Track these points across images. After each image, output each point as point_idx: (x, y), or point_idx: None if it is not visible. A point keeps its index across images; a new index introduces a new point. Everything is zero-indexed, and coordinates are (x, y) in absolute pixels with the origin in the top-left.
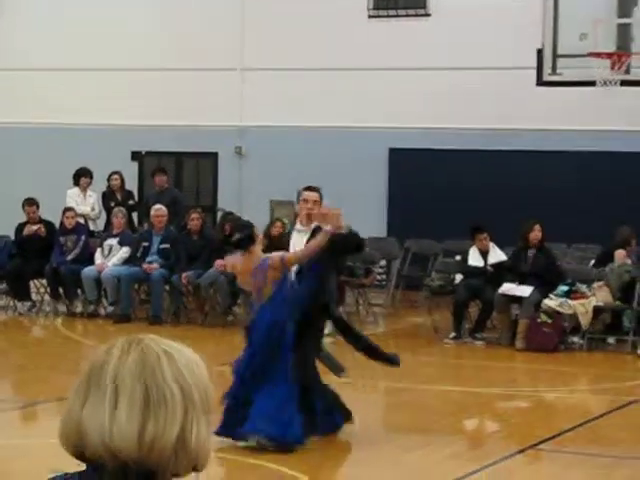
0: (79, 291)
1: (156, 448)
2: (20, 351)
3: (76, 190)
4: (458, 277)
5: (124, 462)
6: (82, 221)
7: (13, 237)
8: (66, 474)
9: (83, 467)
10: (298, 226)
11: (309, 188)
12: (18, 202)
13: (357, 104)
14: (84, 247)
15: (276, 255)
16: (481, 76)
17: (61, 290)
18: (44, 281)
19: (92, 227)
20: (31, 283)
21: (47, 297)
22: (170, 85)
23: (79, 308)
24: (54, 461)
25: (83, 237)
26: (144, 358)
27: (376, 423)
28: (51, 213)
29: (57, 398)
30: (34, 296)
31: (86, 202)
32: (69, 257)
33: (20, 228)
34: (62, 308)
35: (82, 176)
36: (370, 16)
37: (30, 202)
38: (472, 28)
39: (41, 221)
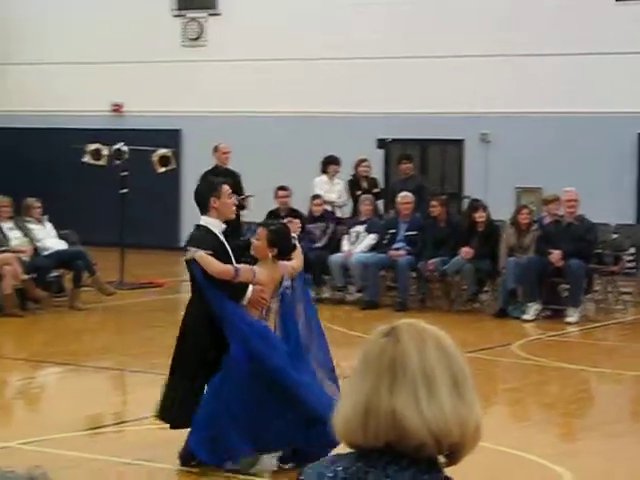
0: (327, 277)
1: (466, 431)
2: None
3: (324, 178)
4: None
5: (439, 447)
6: (329, 208)
7: None
8: (337, 455)
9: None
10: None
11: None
12: (267, 190)
13: (602, 89)
14: (331, 234)
15: (289, 264)
16: None
17: (309, 276)
18: None
19: (338, 214)
20: None
21: None
22: (415, 73)
23: (327, 294)
24: None
25: (330, 224)
26: (441, 345)
27: (623, 414)
28: (299, 201)
29: None
30: None
31: (333, 189)
32: (317, 244)
33: (270, 216)
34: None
35: (330, 164)
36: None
37: (283, 188)
38: None
39: (291, 209)
